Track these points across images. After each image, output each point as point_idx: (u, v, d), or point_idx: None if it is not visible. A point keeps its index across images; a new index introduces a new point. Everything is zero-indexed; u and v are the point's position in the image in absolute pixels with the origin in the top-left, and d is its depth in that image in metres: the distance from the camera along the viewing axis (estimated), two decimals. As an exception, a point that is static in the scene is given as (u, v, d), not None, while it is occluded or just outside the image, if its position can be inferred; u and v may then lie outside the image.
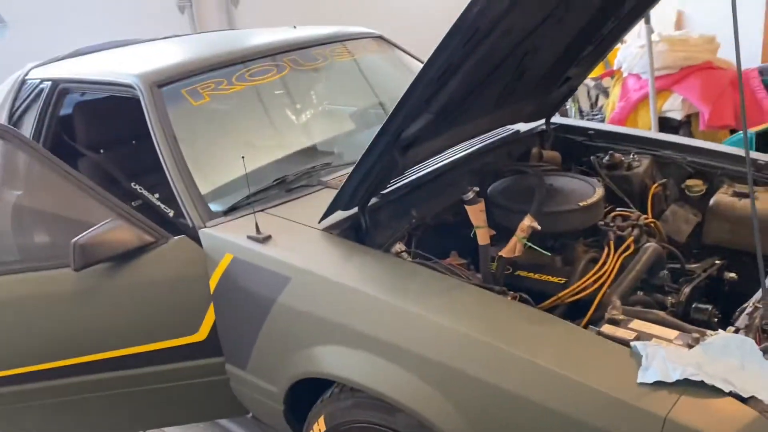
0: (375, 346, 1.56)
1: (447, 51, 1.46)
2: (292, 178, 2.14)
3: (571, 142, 2.63)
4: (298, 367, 1.74)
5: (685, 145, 2.45)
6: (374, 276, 1.67)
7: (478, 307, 1.54)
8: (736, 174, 2.27)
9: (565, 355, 1.37)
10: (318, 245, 1.82)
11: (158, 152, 2.11)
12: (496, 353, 1.40)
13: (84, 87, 2.54)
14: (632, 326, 1.48)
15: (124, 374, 2.02)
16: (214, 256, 1.91)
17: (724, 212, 2.15)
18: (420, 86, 1.53)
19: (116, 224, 1.91)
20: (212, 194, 2.09)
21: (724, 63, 4.31)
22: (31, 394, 2.06)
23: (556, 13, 1.76)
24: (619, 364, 1.33)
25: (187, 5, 4.87)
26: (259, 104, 2.43)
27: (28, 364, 2.02)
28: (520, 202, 2.01)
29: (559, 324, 1.47)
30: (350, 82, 2.75)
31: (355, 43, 2.80)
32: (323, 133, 2.55)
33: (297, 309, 1.72)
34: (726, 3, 5.11)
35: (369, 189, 1.83)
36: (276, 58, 2.49)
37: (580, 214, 1.97)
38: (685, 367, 1.27)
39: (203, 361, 1.99)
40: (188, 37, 3.39)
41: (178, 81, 2.28)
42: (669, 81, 4.22)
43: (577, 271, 1.85)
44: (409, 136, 1.76)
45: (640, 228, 1.97)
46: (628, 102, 4.31)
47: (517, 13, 1.53)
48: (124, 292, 1.95)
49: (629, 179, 2.33)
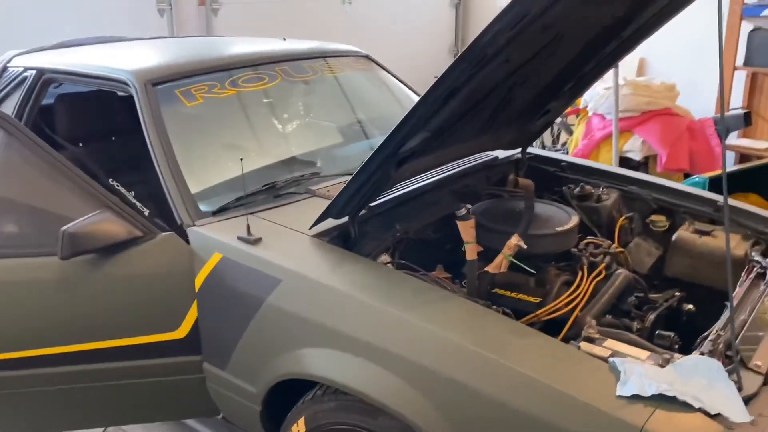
0: (363, 350, 1.62)
1: (455, 73, 1.55)
2: (281, 185, 2.19)
3: (544, 171, 2.75)
4: (283, 367, 1.77)
5: (650, 183, 2.60)
6: (365, 282, 1.73)
7: (465, 316, 1.62)
8: (696, 212, 2.42)
9: (548, 366, 1.45)
10: (309, 250, 1.87)
11: (150, 149, 2.13)
12: (483, 360, 1.48)
13: (72, 79, 2.53)
14: (606, 345, 1.58)
15: (100, 367, 2.01)
16: (201, 254, 1.93)
17: (685, 248, 2.29)
18: (426, 104, 1.61)
19: (106, 216, 1.92)
20: (201, 194, 2.11)
21: (682, 110, 4.56)
22: (2, 382, 2.03)
23: (550, 46, 1.87)
24: (599, 377, 1.43)
25: (167, 9, 4.87)
26: (250, 110, 2.47)
27: (3, 351, 1.99)
28: (500, 223, 2.10)
29: (542, 337, 1.56)
30: (337, 97, 2.82)
31: (343, 60, 2.88)
32: (311, 143, 2.60)
33: (286, 310, 1.76)
34: (684, 53, 5.43)
35: (362, 200, 1.89)
36: (269, 67, 2.54)
37: (557, 239, 2.08)
38: (659, 383, 1.37)
39: (181, 358, 2.00)
40: (180, 39, 3.42)
41: (172, 81, 2.31)
42: (630, 123, 4.44)
43: (553, 292, 1.95)
44: (405, 152, 1.84)
45: (611, 256, 2.09)
46: (591, 140, 4.51)
47: (520, 42, 1.63)
48: (107, 285, 1.96)
49: (598, 211, 2.46)
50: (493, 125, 2.31)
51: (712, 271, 2.23)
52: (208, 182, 2.19)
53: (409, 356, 1.56)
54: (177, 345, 1.98)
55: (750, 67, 4.98)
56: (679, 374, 1.42)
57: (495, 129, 2.37)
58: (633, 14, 1.98)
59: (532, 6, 1.48)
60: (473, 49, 1.50)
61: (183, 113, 2.28)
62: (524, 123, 2.52)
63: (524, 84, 2.09)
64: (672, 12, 2.08)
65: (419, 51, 6.64)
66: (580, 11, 1.77)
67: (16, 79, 2.69)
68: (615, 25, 2.02)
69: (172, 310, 1.96)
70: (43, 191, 2.06)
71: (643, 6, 1.95)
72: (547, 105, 2.46)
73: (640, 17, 2.02)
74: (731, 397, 1.37)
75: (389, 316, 1.62)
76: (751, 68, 4.99)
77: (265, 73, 2.53)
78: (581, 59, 2.18)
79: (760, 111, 5.17)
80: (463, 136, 2.20)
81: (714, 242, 2.25)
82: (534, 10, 1.51)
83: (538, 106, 2.45)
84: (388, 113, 2.93)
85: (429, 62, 6.69)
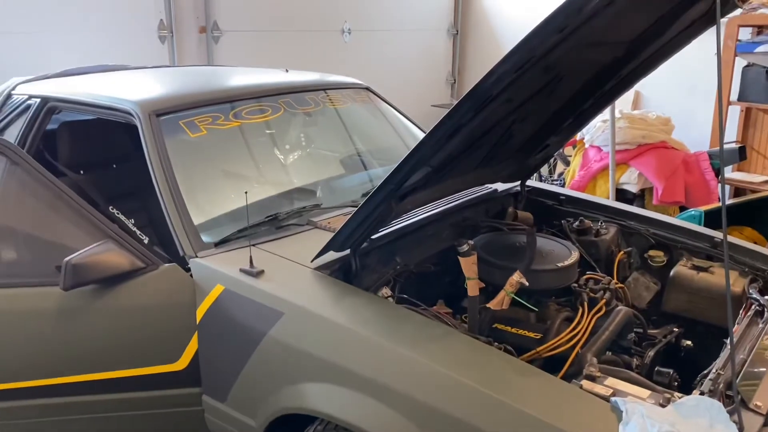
0: (364, 385, 1.62)
1: (461, 112, 1.57)
2: (284, 216, 2.20)
3: (542, 204, 2.77)
4: (283, 401, 1.76)
5: (648, 218, 2.63)
6: (368, 317, 1.73)
7: (467, 353, 1.62)
8: (694, 248, 2.45)
9: (551, 405, 1.46)
10: (311, 283, 1.87)
11: (153, 180, 2.14)
12: (485, 399, 1.48)
13: (76, 108, 2.55)
14: (608, 383, 1.59)
15: (98, 399, 2.00)
16: (204, 286, 1.94)
17: (683, 283, 2.30)
18: (430, 142, 1.63)
19: (109, 246, 1.92)
20: (203, 225, 2.12)
21: (677, 144, 4.61)
22: (3, 413, 2.01)
23: (550, 85, 1.91)
24: (601, 417, 1.43)
25: (168, 36, 4.92)
26: (253, 142, 2.50)
27: (2, 382, 1.98)
28: (501, 257, 2.11)
29: (544, 376, 1.56)
30: (338, 129, 2.85)
31: (344, 92, 2.91)
32: (312, 174, 2.62)
33: (288, 344, 1.76)
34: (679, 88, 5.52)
35: (364, 233, 1.91)
36: (271, 99, 2.57)
37: (559, 274, 2.09)
38: (661, 424, 1.37)
39: (180, 390, 1.99)
40: (183, 68, 3.45)
41: (176, 112, 2.33)
42: (627, 156, 4.48)
43: (553, 329, 1.95)
44: (408, 186, 1.86)
45: (612, 291, 2.10)
46: (588, 172, 4.55)
47: (522, 82, 1.66)
48: (108, 315, 1.96)
49: (597, 245, 2.47)
50: (493, 159, 2.34)
51: (709, 307, 2.24)
52: (211, 213, 2.20)
53: (410, 393, 1.55)
54: (177, 377, 1.97)
55: (744, 102, 5.05)
56: (680, 414, 1.43)
57: (495, 163, 2.40)
58: (632, 54, 2.02)
59: (537, 48, 1.51)
60: (478, 90, 1.53)
61: (187, 144, 2.30)
62: (523, 157, 2.55)
63: (524, 120, 2.12)
64: (670, 51, 2.12)
65: (417, 80, 6.72)
66: (583, 51, 1.80)
67: (20, 107, 2.71)
68: (614, 64, 2.06)
69: (172, 341, 1.95)
70: (46, 220, 2.07)
71: (642, 46, 1.98)
72: (547, 140, 2.49)
73: (639, 57, 2.06)
74: (732, 438, 1.38)
75: (391, 351, 1.62)
76: (744, 103, 5.06)
77: (268, 105, 2.56)
78: (581, 97, 2.21)
79: (754, 145, 5.24)
80: (464, 169, 2.22)
81: (712, 278, 2.27)
82: (539, 52, 1.54)
83: (538, 141, 2.48)
84: (388, 145, 2.97)
85: (426, 91, 6.77)
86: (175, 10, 4.90)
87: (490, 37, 6.87)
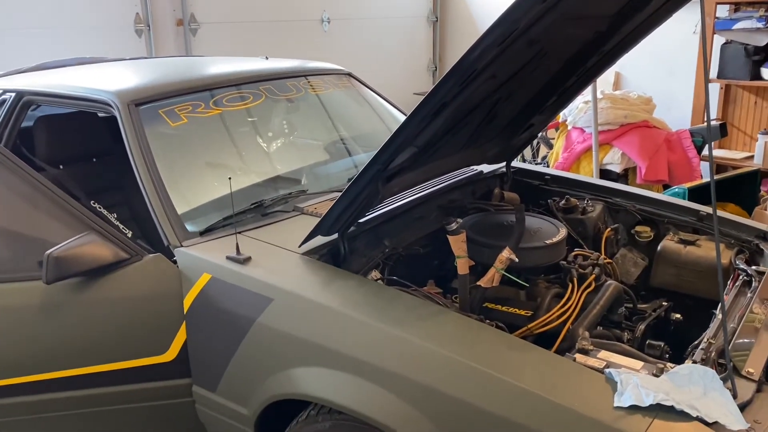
0: (358, 368, 1.60)
1: (445, 88, 1.55)
2: (269, 203, 2.17)
3: (528, 185, 2.77)
4: (275, 388, 1.74)
5: (633, 194, 2.63)
6: (358, 299, 1.72)
7: (460, 331, 1.61)
8: (680, 223, 2.46)
9: (545, 379, 1.45)
10: (299, 268, 1.85)
11: (134, 170, 2.10)
12: (480, 376, 1.47)
13: (53, 101, 2.49)
14: (601, 356, 1.58)
15: (86, 393, 1.96)
16: (190, 275, 1.91)
17: (670, 258, 2.31)
18: (415, 120, 1.62)
19: (92, 239, 1.89)
20: (187, 215, 2.09)
21: (659, 123, 4.63)
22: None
23: (534, 61, 1.89)
24: (596, 389, 1.43)
25: (145, 29, 4.85)
26: (235, 129, 2.46)
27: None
28: (489, 237, 2.11)
29: (537, 351, 1.56)
30: (321, 115, 2.82)
31: (326, 78, 2.88)
32: (296, 161, 2.60)
33: (277, 330, 1.74)
34: (659, 68, 5.55)
35: (351, 217, 1.89)
36: (252, 86, 2.53)
37: (547, 251, 2.08)
38: (656, 392, 1.37)
39: (170, 382, 1.97)
40: (161, 59, 3.40)
41: (156, 101, 2.29)
42: (609, 136, 4.49)
43: (544, 305, 1.95)
44: (394, 168, 1.84)
45: (601, 267, 2.10)
46: (571, 153, 4.56)
47: (506, 57, 1.65)
48: (93, 309, 1.92)
49: (584, 223, 2.47)
50: (478, 140, 2.33)
51: (697, 280, 2.25)
52: (195, 202, 2.16)
53: (404, 373, 1.54)
54: (166, 368, 1.94)
55: (723, 80, 5.09)
56: (674, 383, 1.43)
57: (480, 143, 2.39)
58: (614, 29, 2.01)
59: (520, 20, 1.49)
60: (462, 65, 1.51)
61: (167, 133, 2.26)
62: (508, 137, 2.54)
63: (509, 99, 2.11)
64: (651, 26, 2.12)
65: (398, 69, 6.69)
66: (565, 26, 1.79)
67: (-6, 102, 2.65)
68: (596, 40, 2.05)
69: (160, 333, 1.92)
70: (27, 215, 2.03)
71: (624, 20, 1.98)
72: (531, 119, 2.48)
73: (620, 32, 2.05)
74: (727, 405, 1.38)
75: (382, 332, 1.61)
76: (724, 80, 5.10)
77: (249, 92, 2.52)
78: (563, 74, 2.20)
79: (734, 122, 5.28)
80: (449, 150, 2.21)
81: (698, 252, 2.28)
82: (521, 25, 1.52)
83: (522, 121, 2.47)
84: (372, 130, 2.94)
85: (408, 80, 6.75)
86: (150, 3, 4.83)
87: (470, 23, 6.86)
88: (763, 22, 4.69)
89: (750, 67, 4.89)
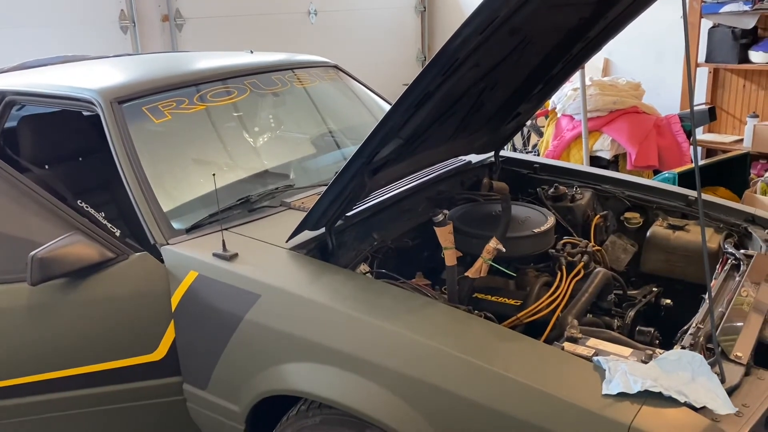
0: (347, 362, 1.60)
1: (428, 78, 1.54)
2: (255, 199, 2.16)
3: (517, 174, 2.76)
4: (265, 384, 1.74)
5: (622, 180, 2.63)
6: (346, 293, 1.71)
7: (448, 323, 1.60)
8: (669, 208, 2.46)
9: (534, 369, 1.45)
10: (287, 263, 1.84)
11: (119, 168, 2.08)
12: (469, 367, 1.46)
13: (36, 100, 2.47)
14: (590, 344, 1.58)
15: (76, 394, 1.95)
16: (177, 273, 1.90)
17: (659, 243, 2.32)
18: (399, 111, 1.60)
19: (76, 239, 1.87)
20: (173, 212, 2.08)
21: (648, 108, 4.62)
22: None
23: (518, 49, 1.88)
24: (584, 377, 1.42)
25: (130, 26, 4.81)
26: (220, 125, 2.44)
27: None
28: (477, 227, 2.10)
29: (525, 340, 1.56)
30: (308, 108, 2.80)
31: (312, 71, 2.86)
32: (283, 155, 2.58)
33: (266, 326, 1.73)
34: (647, 53, 5.54)
35: (338, 210, 1.87)
36: (237, 81, 2.51)
37: (535, 240, 2.08)
38: (644, 379, 1.37)
39: (160, 381, 1.96)
40: (145, 55, 3.37)
41: (139, 98, 2.27)
42: (599, 123, 4.49)
43: (533, 294, 1.95)
44: (379, 160, 1.83)
45: (589, 255, 2.10)
46: (561, 141, 4.55)
47: (489, 46, 1.63)
48: (80, 309, 1.91)
49: (573, 210, 2.47)
50: (465, 130, 2.31)
51: (687, 265, 2.25)
52: (180, 199, 2.15)
53: (394, 366, 1.54)
54: (155, 367, 1.94)
55: (711, 64, 5.09)
56: (662, 369, 1.43)
57: (467, 133, 2.38)
58: (598, 15, 2.00)
59: (500, 9, 1.48)
60: (444, 54, 1.50)
61: (151, 130, 2.24)
62: (496, 126, 2.53)
63: (494, 88, 2.09)
64: (636, 11, 2.10)
65: (386, 60, 6.66)
66: (548, 13, 1.78)
67: (-24, 103, 2.62)
68: (581, 27, 2.04)
69: (148, 331, 1.91)
70: (11, 216, 2.01)
71: (608, 6, 1.96)
72: (518, 108, 2.47)
73: (605, 17, 2.04)
74: (715, 389, 1.38)
75: (372, 326, 1.60)
76: (712, 64, 5.09)
77: (234, 87, 2.50)
78: (549, 61, 2.19)
79: (723, 106, 5.28)
80: (436, 141, 2.19)
81: (688, 236, 2.28)
82: (502, 13, 1.51)
83: (509, 110, 2.45)
84: (360, 123, 2.93)
85: (397, 71, 6.72)
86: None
87: (458, 12, 6.83)
88: (750, 5, 4.69)
89: (738, 50, 4.89)
